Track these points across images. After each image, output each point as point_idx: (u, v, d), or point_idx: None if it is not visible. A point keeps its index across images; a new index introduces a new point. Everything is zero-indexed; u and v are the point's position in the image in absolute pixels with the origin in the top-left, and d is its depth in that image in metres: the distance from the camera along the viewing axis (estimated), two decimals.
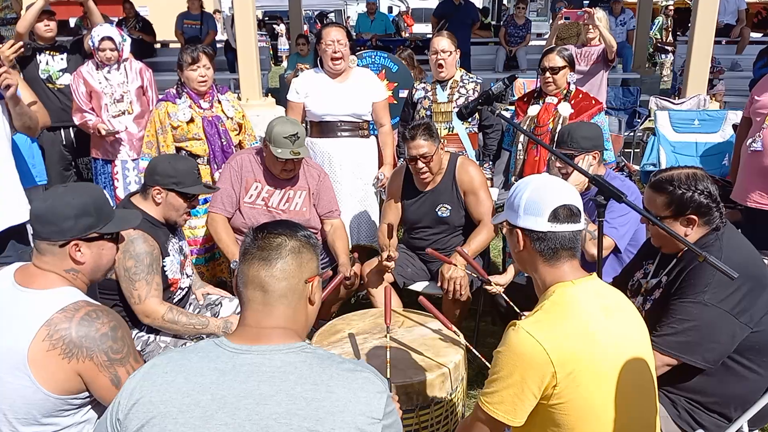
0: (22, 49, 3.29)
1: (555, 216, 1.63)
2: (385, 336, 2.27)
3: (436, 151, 3.15)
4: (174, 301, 2.74)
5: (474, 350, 2.41)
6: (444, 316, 2.48)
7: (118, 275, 2.51)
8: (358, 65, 3.96)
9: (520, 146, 3.73)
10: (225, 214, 3.27)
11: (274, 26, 19.70)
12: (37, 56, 4.44)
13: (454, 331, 2.46)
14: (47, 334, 1.63)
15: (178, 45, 10.00)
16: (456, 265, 2.99)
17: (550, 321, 1.57)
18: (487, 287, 2.74)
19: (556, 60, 3.62)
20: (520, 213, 1.67)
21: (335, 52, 3.66)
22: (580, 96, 3.69)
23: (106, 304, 2.54)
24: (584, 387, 1.54)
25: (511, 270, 3.01)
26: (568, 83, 3.71)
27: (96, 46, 4.10)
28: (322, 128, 3.78)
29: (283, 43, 18.07)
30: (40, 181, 3.80)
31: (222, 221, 3.27)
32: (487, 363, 2.22)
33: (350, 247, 3.77)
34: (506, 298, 2.58)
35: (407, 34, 15.28)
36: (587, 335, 1.56)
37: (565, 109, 3.60)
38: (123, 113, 4.19)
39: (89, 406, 1.76)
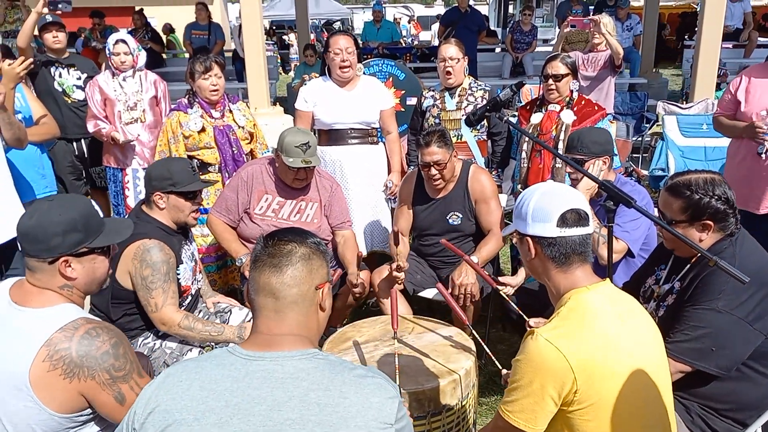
0: (33, 66, 3.33)
1: (563, 220, 1.64)
2: (394, 341, 2.27)
3: (450, 158, 3.15)
4: (183, 307, 2.75)
5: (484, 345, 2.38)
6: (454, 321, 2.47)
7: (134, 284, 2.52)
8: (365, 73, 3.97)
9: (524, 154, 3.71)
10: (222, 219, 3.29)
11: (284, 36, 19.87)
12: (51, 69, 4.49)
13: (467, 324, 2.44)
14: (47, 354, 1.60)
15: (186, 55, 10.08)
16: (469, 264, 2.96)
17: (568, 328, 1.57)
18: (498, 287, 2.74)
19: (559, 67, 3.60)
20: (528, 221, 1.68)
21: (344, 61, 3.66)
22: (583, 102, 3.67)
23: (118, 311, 2.58)
24: (603, 392, 1.53)
25: (521, 272, 2.99)
26: (571, 91, 3.68)
27: (110, 51, 4.15)
28: (332, 136, 3.78)
29: (294, 52, 18.25)
30: (50, 191, 3.83)
31: (220, 222, 3.29)
32: (498, 363, 2.23)
33: (365, 254, 3.77)
34: (514, 304, 2.56)
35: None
36: (605, 341, 1.56)
37: (568, 117, 3.58)
38: (135, 121, 4.24)
39: (93, 422, 1.74)
